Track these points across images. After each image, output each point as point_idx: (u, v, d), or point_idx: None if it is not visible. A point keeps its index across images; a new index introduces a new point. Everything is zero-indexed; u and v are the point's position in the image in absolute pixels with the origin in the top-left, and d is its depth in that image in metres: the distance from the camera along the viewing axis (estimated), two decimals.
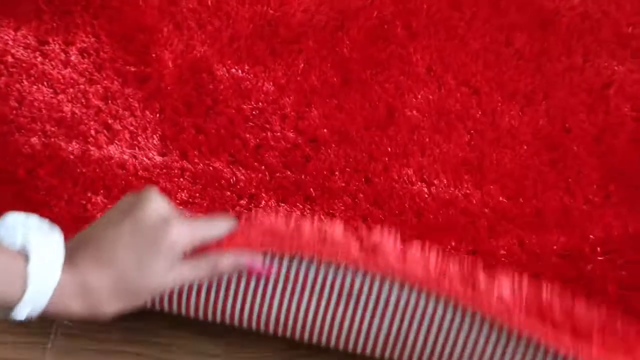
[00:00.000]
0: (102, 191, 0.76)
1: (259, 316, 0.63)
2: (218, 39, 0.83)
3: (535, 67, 0.82)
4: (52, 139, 0.78)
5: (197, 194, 0.77)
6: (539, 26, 0.84)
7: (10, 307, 0.48)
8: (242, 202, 0.78)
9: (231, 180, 0.78)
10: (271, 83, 0.82)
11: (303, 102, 0.81)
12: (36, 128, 0.78)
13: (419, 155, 0.79)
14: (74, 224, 0.74)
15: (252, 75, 0.82)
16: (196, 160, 0.78)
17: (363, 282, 0.60)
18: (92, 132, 0.78)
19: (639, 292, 0.73)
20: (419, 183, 0.79)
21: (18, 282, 0.47)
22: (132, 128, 0.79)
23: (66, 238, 0.51)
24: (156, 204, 0.54)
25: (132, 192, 0.56)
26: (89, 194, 0.76)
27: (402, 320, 0.61)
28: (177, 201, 0.77)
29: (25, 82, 0.80)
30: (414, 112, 0.81)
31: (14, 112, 0.79)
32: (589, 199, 0.78)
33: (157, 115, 0.80)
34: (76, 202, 0.75)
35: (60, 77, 0.81)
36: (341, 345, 0.65)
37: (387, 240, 0.61)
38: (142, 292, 0.53)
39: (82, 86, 0.81)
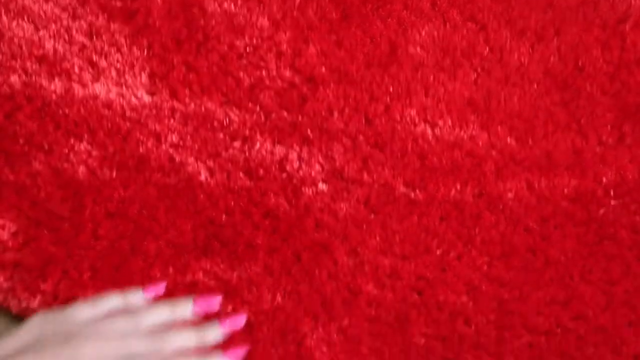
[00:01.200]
0: (86, 135, 0.72)
1: None
2: None
3: (547, 1, 0.78)
4: (33, 77, 0.73)
5: (189, 136, 0.73)
6: None
7: None
8: (236, 144, 0.73)
9: (224, 121, 0.74)
10: (266, 18, 0.77)
11: (300, 38, 0.76)
12: (16, 66, 0.74)
13: (422, 94, 0.75)
14: (55, 179, 0.70)
15: (245, 10, 0.77)
16: (187, 100, 0.74)
17: None
18: (76, 69, 0.74)
19: None
20: (423, 124, 0.74)
21: None
22: (118, 65, 0.75)
23: (47, 198, 0.45)
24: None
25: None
26: (72, 140, 0.72)
27: None
28: (167, 144, 0.73)
29: (4, 18, 0.75)
30: (418, 49, 0.76)
31: None
32: (602, 140, 0.74)
33: (145, 52, 0.75)
34: (58, 151, 0.71)
35: (41, 12, 0.76)
36: None
37: None
38: None
39: (65, 22, 0.76)
